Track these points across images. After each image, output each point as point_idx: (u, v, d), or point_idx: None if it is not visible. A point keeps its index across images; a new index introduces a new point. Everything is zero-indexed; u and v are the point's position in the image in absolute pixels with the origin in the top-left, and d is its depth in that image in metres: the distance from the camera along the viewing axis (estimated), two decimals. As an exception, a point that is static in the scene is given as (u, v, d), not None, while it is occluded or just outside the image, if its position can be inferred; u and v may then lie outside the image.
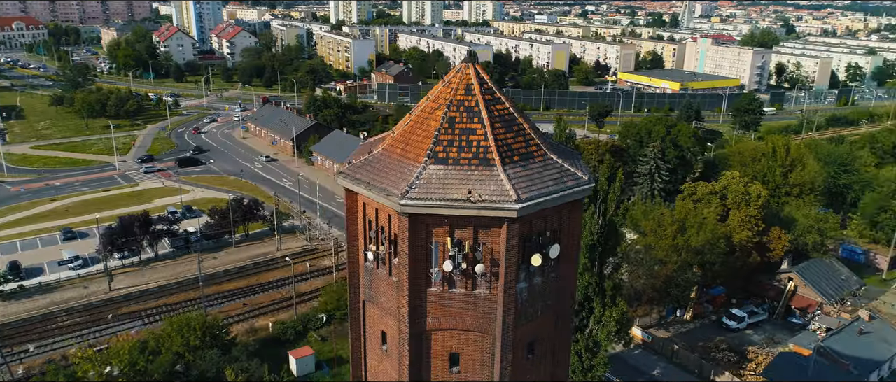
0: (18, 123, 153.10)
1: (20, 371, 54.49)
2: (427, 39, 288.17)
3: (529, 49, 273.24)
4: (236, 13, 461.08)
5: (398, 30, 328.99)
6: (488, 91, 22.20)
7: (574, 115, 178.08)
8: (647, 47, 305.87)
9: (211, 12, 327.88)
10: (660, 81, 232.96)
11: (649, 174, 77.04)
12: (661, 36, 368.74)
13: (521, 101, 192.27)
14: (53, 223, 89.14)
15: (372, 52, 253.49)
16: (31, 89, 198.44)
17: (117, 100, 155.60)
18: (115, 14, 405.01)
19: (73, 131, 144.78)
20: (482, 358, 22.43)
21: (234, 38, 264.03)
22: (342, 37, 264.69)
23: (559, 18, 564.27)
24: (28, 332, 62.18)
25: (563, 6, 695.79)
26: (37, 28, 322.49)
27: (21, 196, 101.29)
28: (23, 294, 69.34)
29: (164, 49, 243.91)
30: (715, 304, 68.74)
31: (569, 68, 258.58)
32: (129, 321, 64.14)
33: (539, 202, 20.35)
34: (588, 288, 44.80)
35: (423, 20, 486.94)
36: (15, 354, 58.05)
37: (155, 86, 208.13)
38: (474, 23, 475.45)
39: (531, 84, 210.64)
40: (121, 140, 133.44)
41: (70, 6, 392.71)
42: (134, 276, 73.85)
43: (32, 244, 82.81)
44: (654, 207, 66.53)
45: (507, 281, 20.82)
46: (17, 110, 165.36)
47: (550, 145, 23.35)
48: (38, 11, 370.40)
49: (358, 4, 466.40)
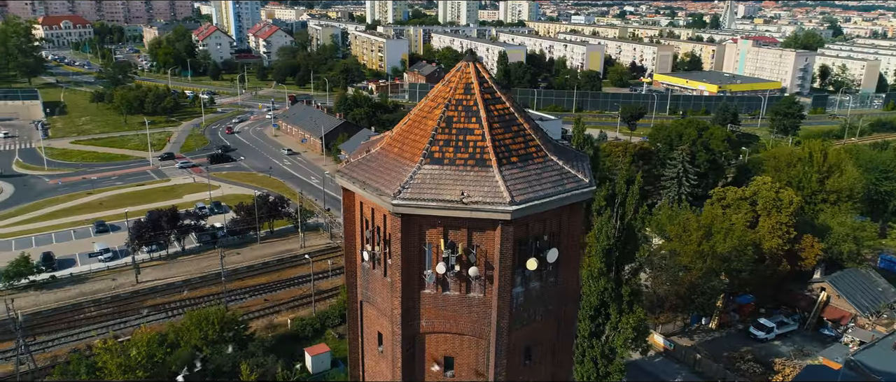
0: (61, 118, 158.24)
1: (46, 361, 56.05)
2: (461, 39, 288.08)
3: (563, 50, 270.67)
4: (274, 13, 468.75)
5: (432, 30, 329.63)
6: (488, 90, 21.75)
7: (606, 117, 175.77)
8: (685, 48, 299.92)
9: (249, 12, 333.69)
10: (697, 83, 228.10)
11: (677, 178, 75.19)
12: (700, 37, 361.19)
13: (553, 102, 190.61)
14: (88, 216, 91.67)
15: (405, 52, 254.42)
16: (74, 86, 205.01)
17: (155, 97, 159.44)
18: (158, 13, 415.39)
19: (112, 127, 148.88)
20: (477, 363, 22.02)
21: (271, 38, 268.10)
22: (376, 37, 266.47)
23: (596, 19, 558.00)
24: (57, 322, 64.04)
25: (602, 7, 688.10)
26: (83, 26, 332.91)
27: (59, 189, 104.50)
28: (54, 284, 71.44)
29: (202, 48, 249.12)
30: (742, 313, 66.71)
31: (603, 69, 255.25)
32: (154, 313, 65.47)
33: (535, 205, 19.81)
34: (604, 294, 43.82)
35: (458, 20, 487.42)
36: (38, 344, 59.76)
37: (192, 83, 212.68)
38: (509, 23, 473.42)
39: (564, 85, 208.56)
40: (156, 136, 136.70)
41: (115, 6, 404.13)
42: (160, 269, 75.40)
43: (66, 236, 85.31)
44: (680, 212, 64.91)
45: (501, 284, 20.35)
46: (61, 106, 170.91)
47: (553, 146, 22.79)
48: (85, 11, 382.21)
49: (394, 4, 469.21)
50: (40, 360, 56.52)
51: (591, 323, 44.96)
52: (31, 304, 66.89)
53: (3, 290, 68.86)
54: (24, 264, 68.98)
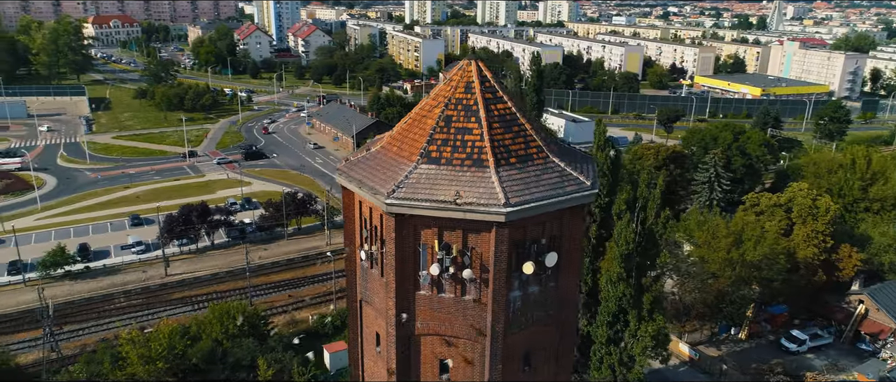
0: (105, 114, 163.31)
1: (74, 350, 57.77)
2: (497, 40, 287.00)
3: (601, 51, 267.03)
4: (315, 12, 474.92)
5: (469, 30, 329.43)
6: (490, 89, 21.38)
7: (644, 119, 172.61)
8: (728, 50, 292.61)
9: (290, 12, 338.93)
10: (739, 86, 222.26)
11: (708, 182, 73.01)
12: (745, 39, 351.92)
13: (589, 104, 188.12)
14: (124, 209, 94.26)
15: (441, 52, 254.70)
16: (120, 83, 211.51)
17: (194, 94, 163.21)
18: (202, 13, 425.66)
19: (153, 123, 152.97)
20: (472, 366, 21.63)
21: (309, 37, 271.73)
22: (412, 36, 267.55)
23: (638, 20, 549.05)
24: (89, 311, 66.00)
25: (644, 7, 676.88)
26: (132, 25, 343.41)
27: (98, 182, 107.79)
28: (88, 274, 73.64)
29: (242, 47, 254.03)
30: (774, 324, 64.43)
31: (642, 71, 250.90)
32: (181, 306, 66.89)
33: (531, 207, 19.33)
34: (622, 300, 42.75)
35: (496, 21, 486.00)
36: (68, 332, 61.63)
37: (232, 82, 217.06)
38: (549, 24, 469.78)
39: (600, 86, 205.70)
40: (193, 132, 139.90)
41: (162, 5, 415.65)
42: (189, 263, 77.00)
43: (103, 228, 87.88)
44: (710, 217, 63.05)
45: (496, 287, 19.96)
46: (106, 102, 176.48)
47: (557, 147, 22.25)
48: (134, 10, 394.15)
49: (432, 5, 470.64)
50: (70, 348, 58.36)
51: (609, 330, 43.94)
52: (66, 293, 69.12)
53: (40, 279, 71.32)
54: (60, 254, 71.33)
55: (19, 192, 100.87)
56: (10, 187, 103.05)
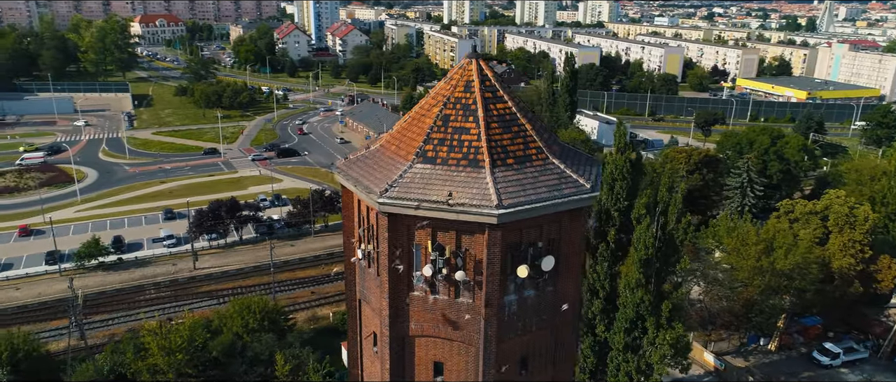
0: (146, 111, 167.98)
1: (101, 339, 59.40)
2: (534, 40, 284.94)
3: (640, 52, 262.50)
4: (355, 12, 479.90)
5: (506, 30, 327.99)
6: (490, 88, 21.04)
7: (681, 122, 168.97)
8: (773, 52, 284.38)
9: (329, 11, 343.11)
10: (784, 89, 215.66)
11: (741, 188, 70.76)
12: (792, 40, 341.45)
13: (625, 106, 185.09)
14: (159, 203, 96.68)
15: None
16: (162, 80, 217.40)
17: (232, 92, 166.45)
18: (245, 13, 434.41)
19: (191, 120, 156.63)
20: (466, 369, 21.31)
21: (347, 37, 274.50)
22: (448, 36, 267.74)
23: (681, 21, 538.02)
24: (119, 302, 67.85)
25: (689, 8, 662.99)
26: (177, 25, 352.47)
27: (136, 177, 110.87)
28: (120, 266, 75.72)
29: (281, 45, 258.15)
30: (807, 336, 62.05)
31: (682, 73, 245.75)
32: (207, 299, 68.20)
33: (524, 209, 18.89)
34: (640, 306, 41.68)
35: (535, 21, 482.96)
36: (98, 322, 63.43)
37: (270, 80, 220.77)
38: (588, 24, 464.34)
39: (638, 88, 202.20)
40: (229, 130, 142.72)
41: (206, 5, 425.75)
42: (217, 257, 78.44)
43: (137, 221, 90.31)
44: (740, 224, 61.05)
45: (489, 291, 19.59)
46: (148, 99, 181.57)
47: (560, 149, 21.76)
48: (179, 10, 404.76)
49: (470, 5, 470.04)
50: (99, 337, 60.08)
51: (626, 336, 42.94)
52: (98, 284, 71.20)
53: (74, 270, 73.66)
54: (94, 246, 73.52)
55: (62, 185, 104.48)
56: (53, 180, 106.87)
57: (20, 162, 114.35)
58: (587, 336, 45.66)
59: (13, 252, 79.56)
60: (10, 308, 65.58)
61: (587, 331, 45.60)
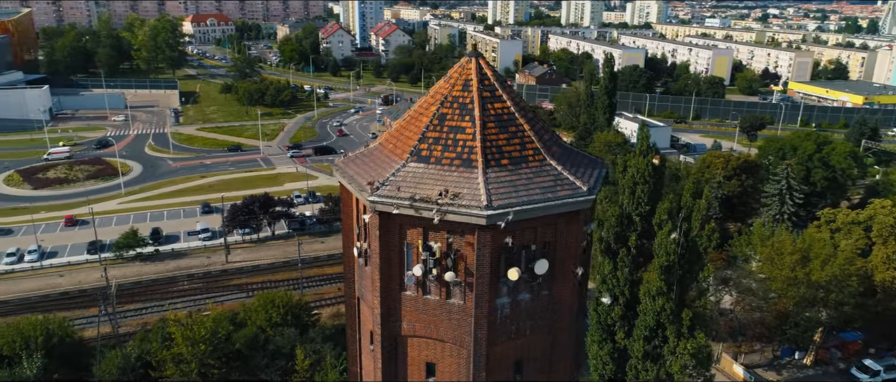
0: (193, 107, 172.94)
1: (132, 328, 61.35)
2: (578, 41, 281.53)
3: (687, 53, 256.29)
4: (400, 13, 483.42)
5: (550, 31, 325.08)
6: (488, 88, 20.78)
7: (727, 126, 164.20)
8: (829, 55, 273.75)
9: (374, 11, 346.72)
10: (839, 93, 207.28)
11: (779, 195, 68.14)
12: (851, 43, 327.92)
13: (668, 109, 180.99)
14: (197, 197, 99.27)
15: (519, 53, 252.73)
16: (210, 78, 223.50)
17: (275, 90, 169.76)
18: (292, 12, 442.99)
19: (234, 116, 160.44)
20: (458, 371, 21.09)
21: (390, 37, 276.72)
22: (491, 37, 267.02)
23: (733, 22, 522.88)
24: (153, 292, 69.98)
25: (742, 9, 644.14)
26: (226, 24, 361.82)
27: (178, 171, 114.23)
28: (157, 257, 78.10)
29: (325, 45, 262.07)
30: (846, 351, 59.30)
31: (730, 76, 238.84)
32: (237, 292, 69.66)
33: (515, 210, 18.56)
34: (661, 314, 40.53)
35: (581, 22, 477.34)
36: (133, 311, 65.51)
37: (312, 79, 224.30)
38: (635, 25, 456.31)
39: (683, 91, 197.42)
40: (270, 127, 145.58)
41: (256, 5, 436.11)
42: (249, 251, 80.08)
43: (176, 214, 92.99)
44: (775, 232, 58.77)
45: (479, 293, 19.32)
46: (195, 96, 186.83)
47: (560, 150, 21.32)
48: (229, 10, 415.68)
49: (515, 5, 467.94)
50: (132, 326, 62.05)
51: (646, 344, 41.83)
52: (135, 274, 73.60)
53: (114, 259, 76.31)
54: (132, 237, 76.02)
55: (108, 177, 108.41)
56: (100, 172, 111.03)
57: (46, 156, 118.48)
58: (606, 343, 44.72)
59: (59, 241, 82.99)
60: (52, 294, 68.41)
61: (606, 338, 44.66)
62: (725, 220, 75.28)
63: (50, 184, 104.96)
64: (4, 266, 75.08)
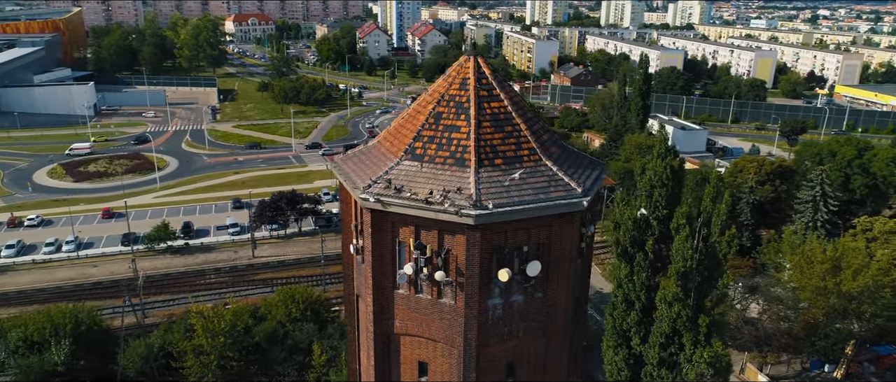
0: (230, 105, 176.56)
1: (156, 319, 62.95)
2: (615, 42, 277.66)
3: (729, 55, 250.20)
4: (438, 13, 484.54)
5: (588, 32, 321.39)
6: (486, 87, 20.70)
7: (768, 130, 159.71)
8: (880, 58, 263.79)
9: (411, 11, 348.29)
10: (889, 98, 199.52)
11: (812, 201, 65.79)
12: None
13: (707, 111, 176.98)
14: (229, 192, 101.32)
15: (555, 54, 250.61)
16: (248, 76, 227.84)
17: (310, 88, 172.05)
18: (332, 12, 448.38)
19: (270, 114, 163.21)
20: (450, 371, 21.03)
21: (426, 36, 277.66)
22: (526, 37, 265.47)
23: (780, 23, 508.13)
24: (181, 284, 71.68)
25: (790, 10, 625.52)
26: (267, 23, 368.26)
27: (212, 167, 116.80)
28: (187, 250, 79.96)
29: (362, 45, 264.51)
30: (880, 366, 56.92)
31: (773, 78, 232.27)
32: (261, 286, 70.85)
33: (505, 211, 18.41)
34: (676, 321, 39.56)
35: (621, 23, 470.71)
36: (160, 302, 67.20)
37: (348, 78, 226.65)
38: (677, 26, 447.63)
39: (722, 93, 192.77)
40: (303, 125, 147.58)
41: (296, 5, 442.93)
42: (276, 247, 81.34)
43: (208, 209, 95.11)
44: (805, 240, 56.77)
45: (469, 293, 19.21)
46: (233, 94, 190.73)
47: (560, 151, 21.05)
48: (271, 10, 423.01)
49: (554, 5, 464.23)
50: (159, 316, 63.69)
51: (661, 351, 40.92)
52: (165, 266, 75.56)
53: (145, 251, 78.50)
54: (163, 230, 78.07)
55: (145, 172, 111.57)
56: (138, 167, 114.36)
57: (69, 151, 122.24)
58: (622, 349, 43.93)
59: (96, 232, 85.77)
60: (85, 283, 70.73)
61: (622, 343, 43.87)
62: (758, 227, 73.19)
63: (90, 178, 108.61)
64: (43, 255, 77.99)
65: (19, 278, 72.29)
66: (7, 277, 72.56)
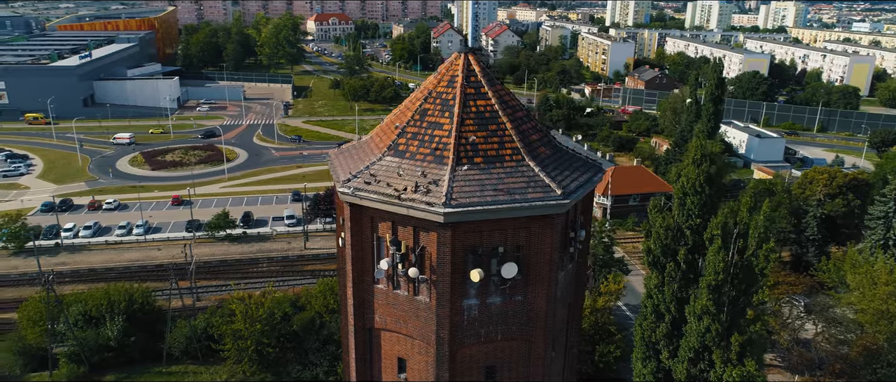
0: (303, 101, 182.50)
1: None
2: (696, 44, 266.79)
3: (820, 60, 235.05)
4: (516, 13, 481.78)
5: (668, 34, 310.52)
6: (474, 84, 20.68)
7: (857, 141, 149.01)
8: None
9: (487, 12, 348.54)
10: None
11: (884, 218, 60.58)
12: None
13: (790, 119, 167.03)
14: (291, 185, 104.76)
15: (630, 56, 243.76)
16: (323, 74, 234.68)
17: (379, 87, 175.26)
18: (411, 12, 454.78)
19: (339, 111, 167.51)
20: (426, 369, 21.05)
21: (499, 37, 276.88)
22: (601, 39, 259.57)
23: (885, 27, 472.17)
24: (236, 271, 74.80)
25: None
26: (347, 23, 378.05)
27: (279, 160, 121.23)
28: (244, 239, 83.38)
29: (435, 44, 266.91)
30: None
31: (870, 86, 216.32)
32: (308, 277, 72.84)
33: (475, 210, 18.27)
34: (706, 336, 37.52)
35: (706, 25, 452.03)
36: (205, 287, 70.22)
37: (419, 77, 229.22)
38: (767, 29, 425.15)
39: (809, 100, 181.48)
40: (369, 122, 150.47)
41: (376, 5, 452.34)
42: (327, 239, 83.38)
43: (269, 200, 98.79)
44: (870, 259, 52.46)
45: (440, 291, 19.22)
46: (307, 90, 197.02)
47: (549, 152, 20.64)
48: (351, 10, 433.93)
49: (635, 6, 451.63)
50: (211, 301, 66.72)
51: (690, 367, 39.01)
52: (223, 252, 79.13)
53: (206, 238, 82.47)
54: (223, 219, 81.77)
55: (216, 162, 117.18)
56: (210, 158, 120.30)
57: (112, 140, 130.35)
58: (650, 361, 42.18)
59: (164, 218, 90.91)
60: (149, 265, 75.13)
61: (650, 356, 42.12)
62: (825, 243, 68.38)
63: (166, 167, 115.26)
64: (115, 237, 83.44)
65: (92, 257, 77.74)
66: (82, 255, 78.20)
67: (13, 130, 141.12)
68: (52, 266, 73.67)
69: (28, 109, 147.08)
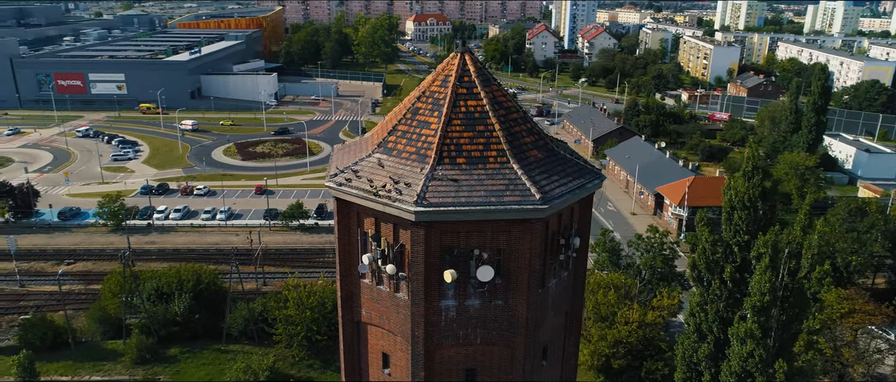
0: (391, 99, 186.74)
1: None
2: (810, 50, 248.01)
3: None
4: (618, 15, 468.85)
5: (780, 38, 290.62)
6: (467, 84, 20.72)
7: None
8: None
9: (585, 13, 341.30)
10: None
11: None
12: None
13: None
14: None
15: (734, 61, 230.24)
16: (415, 73, 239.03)
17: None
18: (510, 13, 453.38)
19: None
20: (407, 366, 21.32)
21: (595, 39, 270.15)
22: (703, 43, 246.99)
23: None
24: (303, 260, 77.84)
25: None
26: (444, 24, 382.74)
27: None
28: (315, 230, 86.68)
29: (529, 46, 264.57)
30: None
31: None
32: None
33: (448, 211, 18.34)
34: (748, 361, 34.89)
35: (828, 29, 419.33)
36: (273, 273, 73.37)
37: (508, 78, 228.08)
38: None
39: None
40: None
41: (475, 6, 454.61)
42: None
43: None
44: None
45: (414, 289, 19.44)
46: (397, 89, 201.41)
47: (541, 155, 20.32)
48: (450, 10, 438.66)
49: (748, 8, 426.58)
50: (276, 286, 69.85)
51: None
52: (294, 241, 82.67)
53: (281, 227, 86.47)
54: (297, 209, 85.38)
55: (301, 155, 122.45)
56: (296, 150, 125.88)
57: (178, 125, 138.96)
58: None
59: (247, 205, 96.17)
60: (225, 248, 79.77)
61: (691, 377, 39.77)
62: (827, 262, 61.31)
63: (255, 157, 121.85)
64: (201, 220, 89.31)
65: (177, 238, 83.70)
66: (169, 236, 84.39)
67: (129, 118, 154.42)
68: (143, 244, 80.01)
69: (143, 100, 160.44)
